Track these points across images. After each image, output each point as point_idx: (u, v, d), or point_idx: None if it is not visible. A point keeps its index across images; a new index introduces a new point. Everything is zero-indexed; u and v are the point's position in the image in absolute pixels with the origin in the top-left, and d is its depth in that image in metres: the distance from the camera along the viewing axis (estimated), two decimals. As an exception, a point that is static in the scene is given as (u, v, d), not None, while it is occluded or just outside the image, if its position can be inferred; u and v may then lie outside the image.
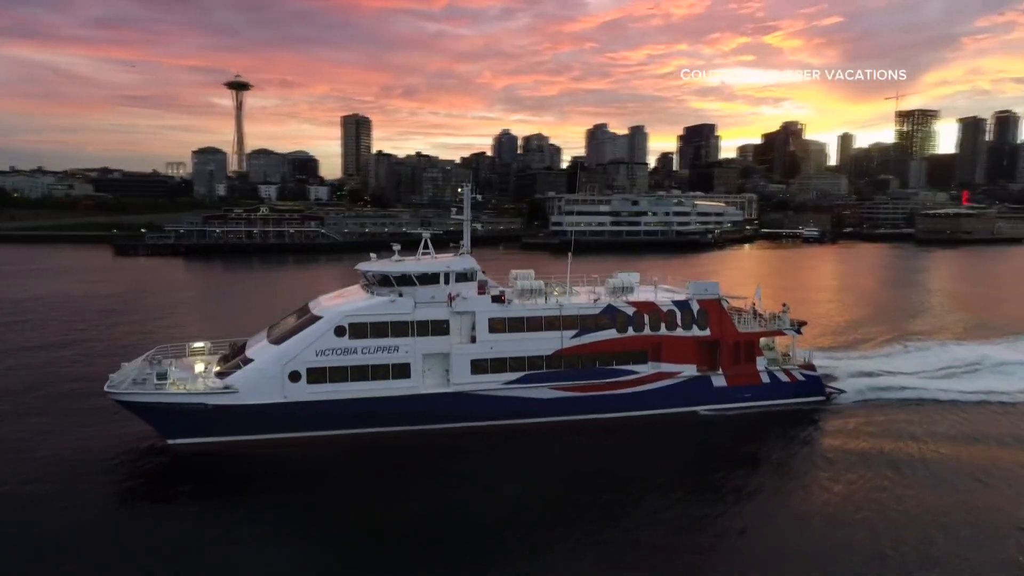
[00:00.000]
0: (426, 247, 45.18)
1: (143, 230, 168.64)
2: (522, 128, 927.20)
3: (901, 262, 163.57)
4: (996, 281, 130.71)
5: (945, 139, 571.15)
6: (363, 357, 38.60)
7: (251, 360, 38.09)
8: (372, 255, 45.17)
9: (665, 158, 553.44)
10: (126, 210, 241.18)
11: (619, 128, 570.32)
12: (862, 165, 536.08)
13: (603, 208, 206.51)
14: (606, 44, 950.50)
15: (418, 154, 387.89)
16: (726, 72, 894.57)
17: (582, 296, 44.81)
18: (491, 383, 40.50)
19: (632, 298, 44.29)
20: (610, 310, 43.04)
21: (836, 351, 58.10)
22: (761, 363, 45.82)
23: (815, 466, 36.25)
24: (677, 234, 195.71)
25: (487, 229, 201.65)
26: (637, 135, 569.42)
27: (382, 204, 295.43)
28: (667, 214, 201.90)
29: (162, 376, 37.23)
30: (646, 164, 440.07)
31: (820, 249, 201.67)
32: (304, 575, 25.79)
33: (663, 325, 43.79)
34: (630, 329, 43.12)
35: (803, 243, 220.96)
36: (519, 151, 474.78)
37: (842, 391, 47.40)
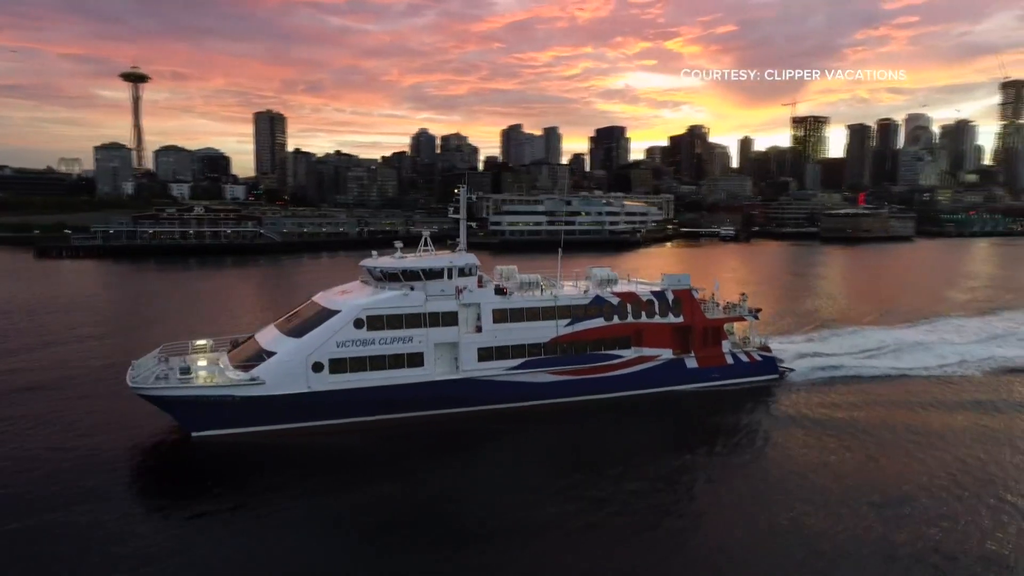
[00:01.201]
0: (426, 245, 47.92)
1: (67, 231, 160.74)
2: (431, 127, 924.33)
3: (813, 258, 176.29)
4: (895, 274, 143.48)
5: (835, 144, 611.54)
6: (380, 347, 41.07)
7: (273, 353, 39.81)
8: (374, 252, 47.62)
9: (577, 159, 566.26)
10: (27, 209, 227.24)
11: (529, 129, 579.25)
12: (762, 167, 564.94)
13: (539, 208, 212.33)
14: (513, 45, 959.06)
15: (337, 152, 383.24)
16: (630, 76, 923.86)
17: (572, 288, 48.73)
18: (495, 369, 43.77)
19: (616, 289, 48.60)
20: (598, 300, 47.13)
21: (778, 336, 64.25)
22: (726, 346, 51.02)
23: (778, 433, 41.20)
24: (610, 233, 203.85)
25: (418, 230, 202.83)
26: (551, 136, 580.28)
27: (304, 203, 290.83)
28: (600, 214, 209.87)
29: (185, 371, 38.60)
30: (568, 166, 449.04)
31: (736, 247, 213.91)
32: (334, 555, 27.38)
33: (643, 313, 48.27)
34: (615, 317, 47.34)
35: (720, 241, 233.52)
36: (438, 151, 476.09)
37: (792, 370, 53.14)
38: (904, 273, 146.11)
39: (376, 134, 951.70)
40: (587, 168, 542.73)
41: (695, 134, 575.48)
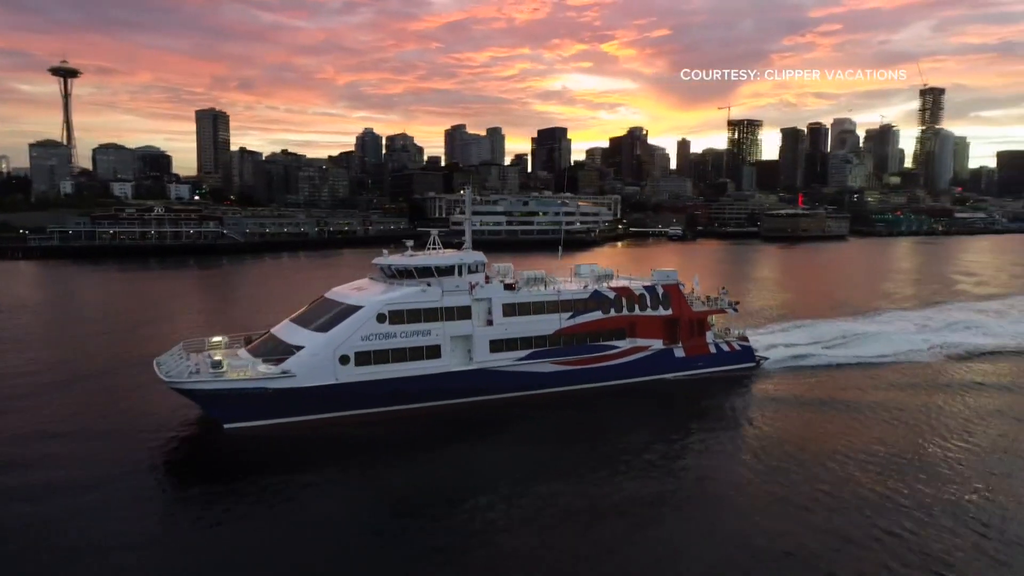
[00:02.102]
0: (435, 244, 50.29)
1: (23, 231, 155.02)
2: (368, 125, 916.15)
3: (759, 256, 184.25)
4: (837, 270, 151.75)
5: (767, 146, 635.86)
6: (401, 340, 43.13)
7: (300, 347, 41.43)
8: (384, 251, 49.74)
9: (520, 159, 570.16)
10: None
11: (470, 128, 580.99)
12: (699, 169, 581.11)
13: (499, 208, 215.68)
14: (451, 45, 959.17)
15: (284, 151, 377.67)
16: (567, 78, 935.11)
17: (572, 283, 51.74)
18: (505, 360, 46.33)
19: (612, 284, 51.84)
20: (596, 295, 50.23)
21: (747, 329, 68.66)
22: (709, 336, 54.82)
23: (761, 414, 44.85)
24: (566, 233, 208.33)
25: (377, 230, 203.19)
26: (495, 137, 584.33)
27: (252, 203, 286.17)
28: (557, 214, 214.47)
29: (217, 365, 39.95)
30: (516, 167, 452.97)
31: (684, 245, 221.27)
32: (365, 534, 28.91)
33: (637, 307, 51.57)
34: (612, 311, 50.50)
35: (668, 240, 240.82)
36: (383, 151, 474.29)
37: (766, 359, 57.28)
38: (845, 270, 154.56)
39: (311, 132, 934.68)
40: (529, 168, 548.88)
41: (635, 136, 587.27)
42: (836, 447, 37.79)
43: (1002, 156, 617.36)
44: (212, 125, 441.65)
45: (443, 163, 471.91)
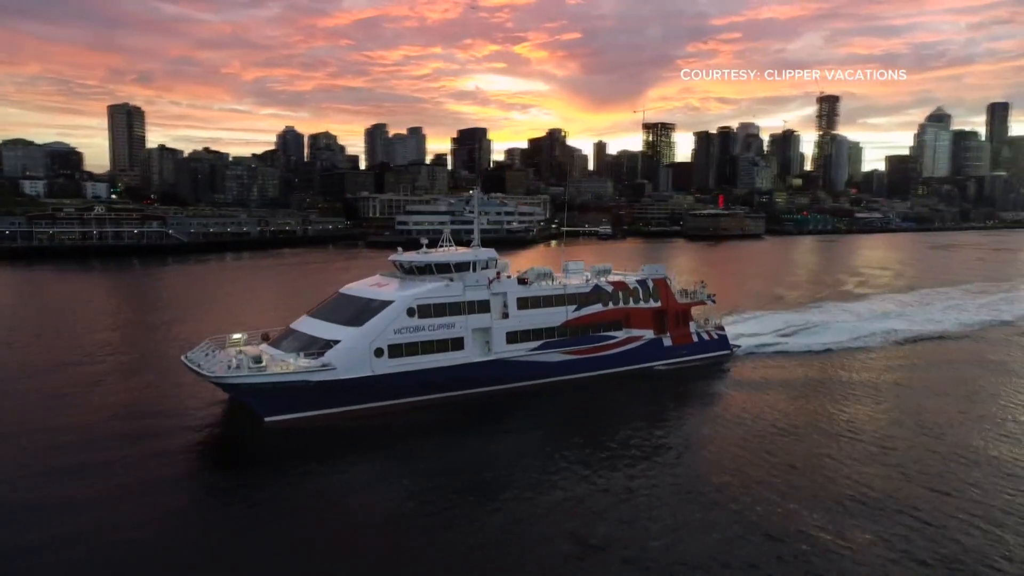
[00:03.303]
0: (449, 242, 52.32)
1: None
2: (274, 122, 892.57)
3: (688, 254, 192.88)
4: (764, 267, 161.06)
5: (680, 149, 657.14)
6: (429, 333, 44.95)
7: (336, 341, 42.63)
8: (399, 248, 51.62)
9: (440, 159, 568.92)
10: None
11: (382, 127, 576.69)
12: (617, 170, 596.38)
13: (442, 208, 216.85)
14: (362, 42, 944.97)
15: (206, 149, 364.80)
16: (480, 78, 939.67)
17: (575, 278, 54.76)
18: (520, 351, 48.79)
19: (610, 279, 55.16)
20: (596, 288, 53.42)
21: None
22: (692, 326, 58.97)
23: (740, 396, 48.84)
24: (507, 232, 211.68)
25: (316, 230, 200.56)
26: (416, 137, 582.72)
27: (175, 202, 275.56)
28: (498, 214, 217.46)
29: (257, 360, 40.74)
30: (446, 166, 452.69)
31: (615, 244, 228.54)
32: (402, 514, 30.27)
33: (631, 299, 55.09)
34: (610, 303, 53.78)
35: (599, 239, 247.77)
36: (306, 149, 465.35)
37: (739, 346, 61.98)
38: (774, 266, 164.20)
39: (217, 129, 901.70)
40: (449, 167, 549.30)
41: (555, 137, 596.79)
42: (811, 420, 42.26)
43: (890, 160, 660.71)
44: (126, 121, 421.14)
45: (363, 162, 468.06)
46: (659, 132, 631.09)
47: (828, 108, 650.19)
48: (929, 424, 41.59)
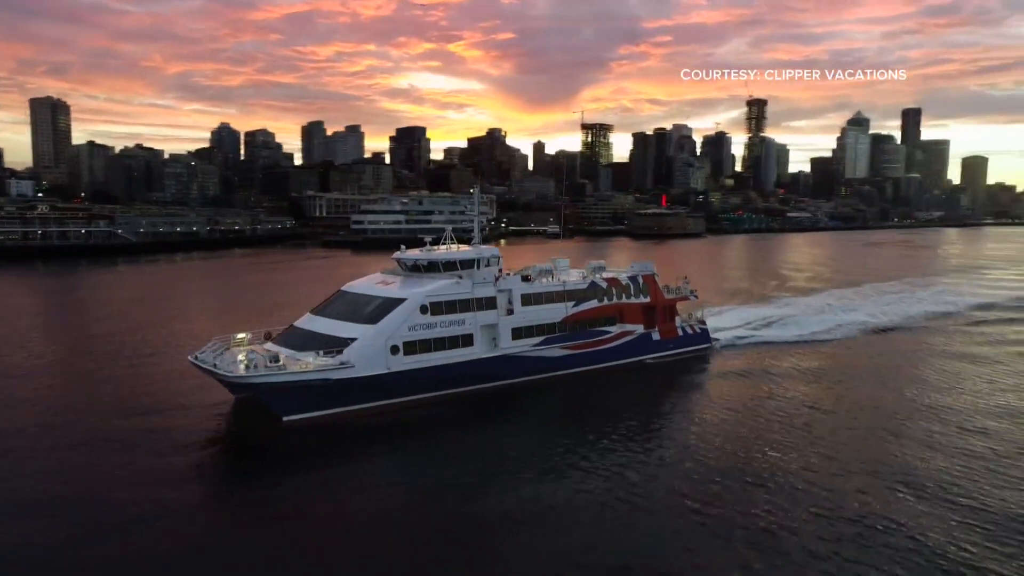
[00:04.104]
0: (451, 240, 52.75)
1: None
2: (201, 118, 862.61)
3: (636, 252, 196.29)
4: (712, 264, 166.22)
5: (616, 149, 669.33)
6: (441, 330, 45.32)
7: (352, 339, 42.53)
8: (403, 246, 51.74)
9: (377, 157, 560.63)
10: None
11: (296, 123, 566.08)
12: (557, 170, 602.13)
13: (396, 207, 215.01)
14: (293, 37, 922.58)
15: (138, 145, 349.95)
16: (414, 76, 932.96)
17: (573, 274, 55.93)
18: (524, 346, 49.66)
19: (604, 275, 56.58)
20: (593, 285, 54.77)
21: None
22: (678, 321, 61.01)
23: (724, 384, 51.38)
24: (463, 231, 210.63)
25: (265, 229, 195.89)
26: (355, 135, 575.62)
27: (109, 201, 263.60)
28: (452, 213, 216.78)
29: (275, 359, 40.37)
30: (383, 165, 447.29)
31: (563, 243, 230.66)
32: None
33: (624, 295, 56.67)
34: (605, 299, 55.22)
35: (547, 238, 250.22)
36: (243, 146, 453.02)
37: (718, 340, 64.45)
38: (721, 263, 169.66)
39: (139, 125, 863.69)
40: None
41: (495, 137, 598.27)
42: (786, 407, 44.72)
43: (814, 162, 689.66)
44: (51, 115, 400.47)
45: (299, 160, 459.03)
46: (597, 133, 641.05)
47: (757, 111, 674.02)
48: (879, 406, 44.78)
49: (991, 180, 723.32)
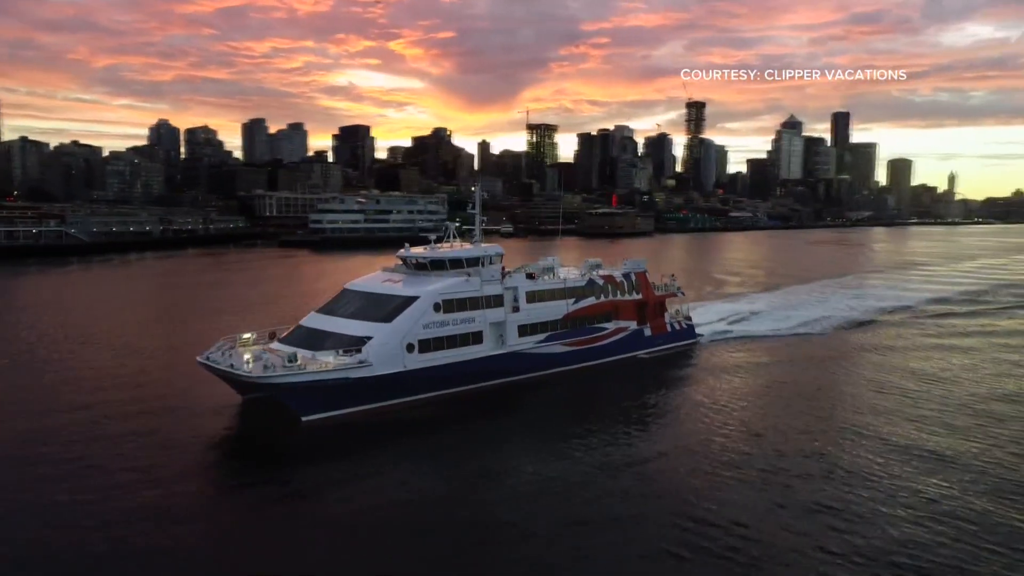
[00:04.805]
0: (453, 237, 52.65)
1: None
2: (130, 114, 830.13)
3: (599, 251, 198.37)
4: (672, 260, 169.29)
5: (561, 149, 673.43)
6: (453, 328, 45.19)
7: (368, 337, 42.02)
8: (407, 244, 51.39)
9: (320, 156, 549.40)
10: None
11: (243, 120, 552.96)
12: (502, 170, 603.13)
13: (354, 207, 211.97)
14: (226, 32, 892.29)
15: (74, 142, 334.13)
16: (353, 74, 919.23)
17: (572, 272, 56.51)
18: (529, 343, 49.91)
19: (601, 272, 57.36)
20: (591, 282, 55.48)
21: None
22: (667, 317, 62.34)
23: (712, 376, 52.78)
24: (419, 230, 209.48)
25: (218, 228, 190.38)
26: (298, 133, 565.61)
27: (46, 200, 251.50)
28: (410, 212, 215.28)
29: (292, 359, 39.60)
30: (338, 164, 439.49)
31: (517, 242, 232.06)
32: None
33: (618, 292, 57.58)
34: (602, 296, 56.01)
35: (501, 237, 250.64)
36: (183, 144, 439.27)
37: (702, 335, 66.10)
38: (679, 261, 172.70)
39: (63, 120, 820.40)
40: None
41: (440, 136, 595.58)
42: (770, 394, 47.42)
43: (751, 163, 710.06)
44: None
45: (240, 158, 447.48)
46: (543, 133, 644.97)
47: (696, 113, 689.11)
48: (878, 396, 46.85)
49: (915, 181, 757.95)
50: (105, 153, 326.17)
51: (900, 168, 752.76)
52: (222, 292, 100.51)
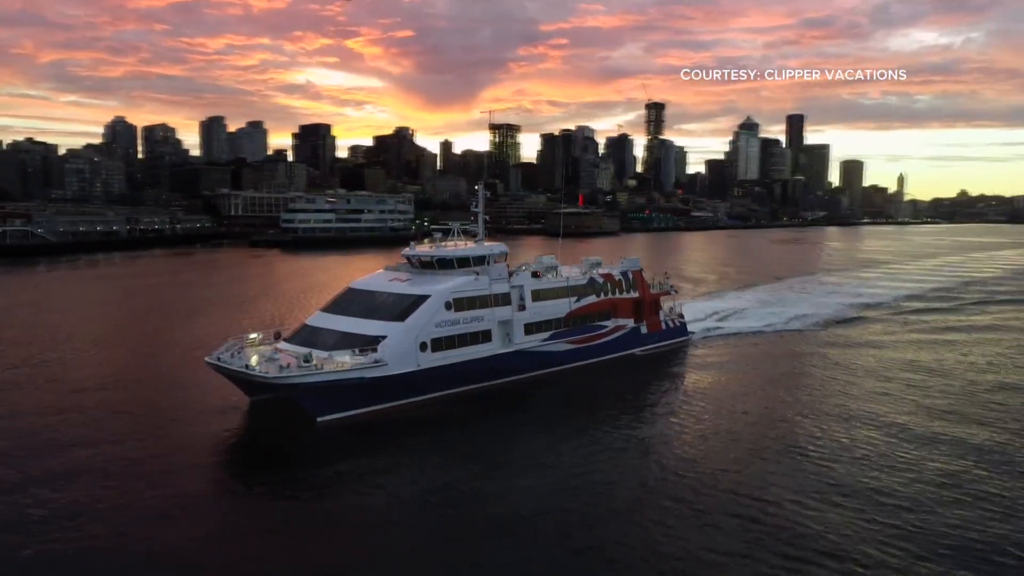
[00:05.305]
0: (457, 236, 52.38)
1: None
2: (79, 111, 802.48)
3: (569, 249, 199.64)
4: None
5: (523, 149, 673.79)
6: (463, 326, 44.93)
7: (383, 336, 41.44)
8: (412, 243, 51.01)
9: (279, 155, 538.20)
10: None
11: (198, 119, 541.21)
12: (466, 170, 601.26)
13: (326, 206, 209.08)
14: (179, 28, 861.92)
15: (29, 139, 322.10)
16: (311, 72, 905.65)
17: (574, 270, 56.66)
18: (535, 341, 49.87)
19: (600, 271, 57.63)
20: (592, 281, 55.72)
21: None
22: (661, 315, 62.97)
23: (703, 372, 54.15)
24: (391, 229, 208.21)
25: (185, 228, 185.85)
26: (257, 131, 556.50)
27: (3, 198, 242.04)
28: (382, 212, 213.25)
29: (307, 360, 38.92)
30: (306, 164, 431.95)
31: (488, 241, 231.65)
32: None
33: (616, 290, 57.96)
34: (602, 294, 56.31)
35: (468, 236, 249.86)
36: (140, 142, 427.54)
37: (693, 332, 66.94)
38: (649, 260, 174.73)
39: (8, 116, 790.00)
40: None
41: (402, 135, 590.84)
42: (759, 383, 49.09)
43: (710, 164, 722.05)
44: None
45: (198, 156, 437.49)
46: (506, 133, 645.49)
47: (655, 114, 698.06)
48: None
49: (866, 182, 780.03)
50: (62, 151, 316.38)
51: (852, 169, 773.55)
52: (206, 292, 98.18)
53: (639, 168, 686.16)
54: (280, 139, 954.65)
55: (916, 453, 34.95)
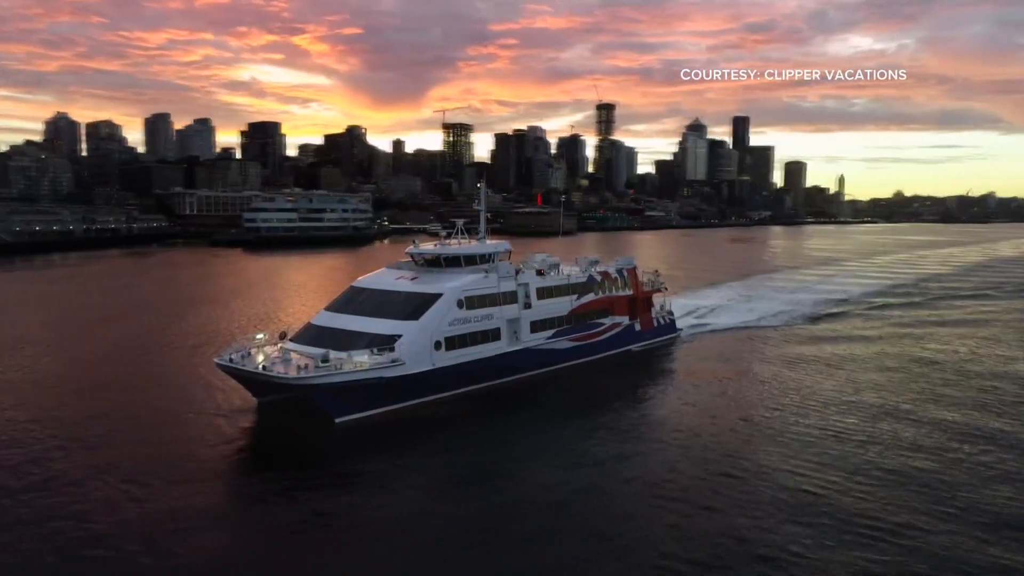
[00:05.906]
0: (461, 234, 51.78)
1: None
2: (11, 106, 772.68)
3: (534, 247, 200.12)
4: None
5: (477, 149, 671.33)
6: (474, 325, 44.44)
7: (398, 335, 40.60)
8: (415, 241, 50.17)
9: (227, 153, 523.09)
10: None
11: (138, 115, 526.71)
12: (418, 169, 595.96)
13: (288, 205, 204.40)
14: (118, 21, 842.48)
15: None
16: (256, 68, 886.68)
17: (575, 268, 56.56)
18: (540, 339, 49.71)
19: (598, 269, 57.74)
20: (591, 279, 55.78)
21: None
22: (653, 312, 63.49)
23: (696, 366, 54.81)
24: (354, 229, 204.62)
25: (141, 227, 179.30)
26: (205, 129, 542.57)
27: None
28: (345, 211, 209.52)
29: (325, 360, 37.86)
30: (258, 163, 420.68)
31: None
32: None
33: (613, 288, 58.18)
34: (600, 292, 56.45)
35: (430, 235, 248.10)
36: (83, 139, 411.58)
37: (681, 329, 67.74)
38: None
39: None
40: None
41: (354, 134, 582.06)
42: (748, 376, 50.31)
43: (659, 164, 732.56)
44: None
45: (143, 154, 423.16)
46: (459, 132, 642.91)
47: (606, 115, 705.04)
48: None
49: (808, 183, 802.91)
50: (2, 147, 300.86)
51: (795, 170, 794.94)
52: (185, 291, 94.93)
53: (591, 168, 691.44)
54: (227, 137, 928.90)
55: (916, 433, 36.01)
